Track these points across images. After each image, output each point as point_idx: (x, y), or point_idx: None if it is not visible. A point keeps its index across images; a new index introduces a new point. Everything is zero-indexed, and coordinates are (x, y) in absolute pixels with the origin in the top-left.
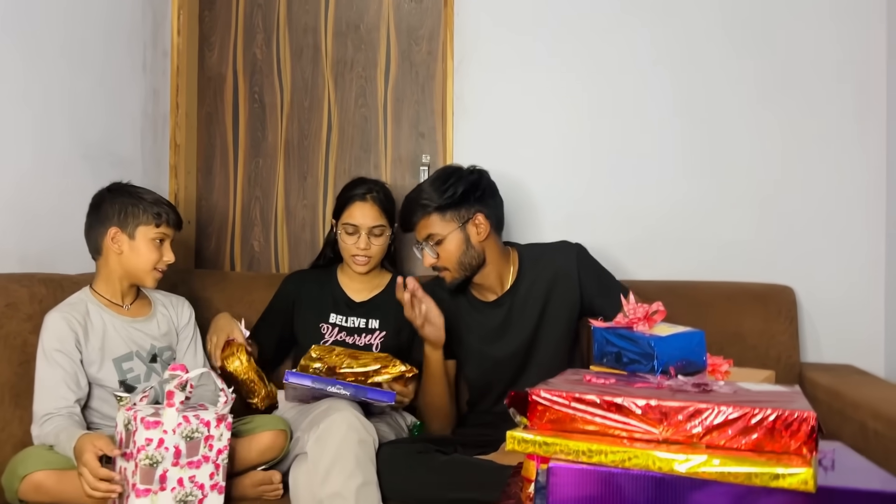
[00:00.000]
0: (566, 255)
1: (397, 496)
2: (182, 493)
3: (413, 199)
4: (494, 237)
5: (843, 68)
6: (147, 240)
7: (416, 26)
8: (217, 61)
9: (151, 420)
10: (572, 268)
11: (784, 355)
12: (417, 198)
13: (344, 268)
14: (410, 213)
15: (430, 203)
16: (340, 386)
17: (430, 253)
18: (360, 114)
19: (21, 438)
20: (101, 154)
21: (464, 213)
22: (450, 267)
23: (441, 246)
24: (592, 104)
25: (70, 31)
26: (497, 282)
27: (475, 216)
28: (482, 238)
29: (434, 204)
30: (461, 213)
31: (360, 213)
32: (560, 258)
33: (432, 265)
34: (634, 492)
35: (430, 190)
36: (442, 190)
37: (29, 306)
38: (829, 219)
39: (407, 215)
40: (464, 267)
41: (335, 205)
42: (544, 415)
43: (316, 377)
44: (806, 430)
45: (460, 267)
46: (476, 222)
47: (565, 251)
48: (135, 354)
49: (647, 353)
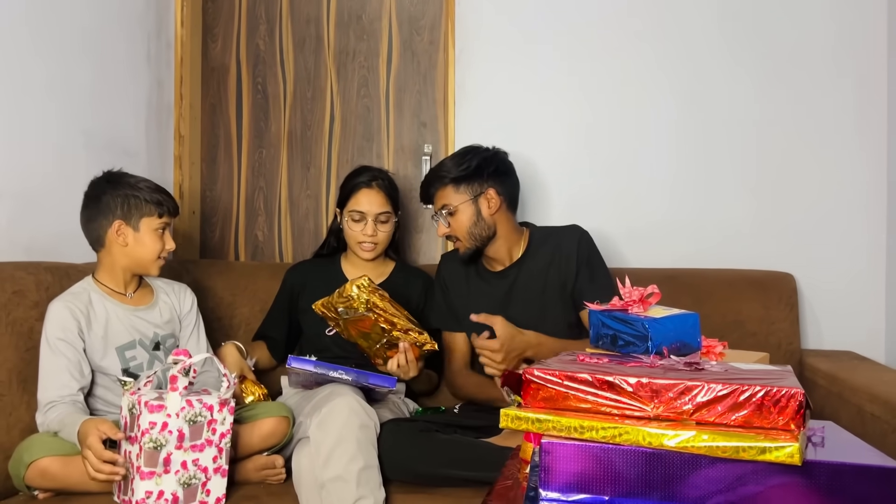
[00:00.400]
0: (571, 237)
1: (398, 474)
2: (186, 475)
3: (433, 172)
4: (507, 213)
5: (843, 59)
6: (151, 230)
7: (418, 16)
8: (220, 52)
9: (155, 404)
10: (573, 250)
11: (784, 342)
12: (437, 170)
13: (348, 257)
14: (429, 183)
15: (446, 175)
16: (342, 371)
17: (442, 223)
18: (363, 103)
19: (28, 423)
20: (106, 144)
21: (476, 187)
22: (460, 237)
23: (453, 217)
24: (593, 93)
25: (75, 23)
26: (507, 255)
27: (487, 191)
28: (493, 212)
29: (450, 176)
30: (474, 187)
31: (366, 199)
32: (565, 239)
33: (445, 234)
34: (626, 466)
35: (449, 163)
36: (458, 163)
37: (35, 293)
38: (830, 206)
39: (426, 186)
40: (473, 237)
41: (339, 194)
42: (538, 393)
43: (318, 362)
44: (794, 407)
45: (470, 237)
46: (488, 196)
47: (571, 233)
48: (137, 343)
49: (641, 334)
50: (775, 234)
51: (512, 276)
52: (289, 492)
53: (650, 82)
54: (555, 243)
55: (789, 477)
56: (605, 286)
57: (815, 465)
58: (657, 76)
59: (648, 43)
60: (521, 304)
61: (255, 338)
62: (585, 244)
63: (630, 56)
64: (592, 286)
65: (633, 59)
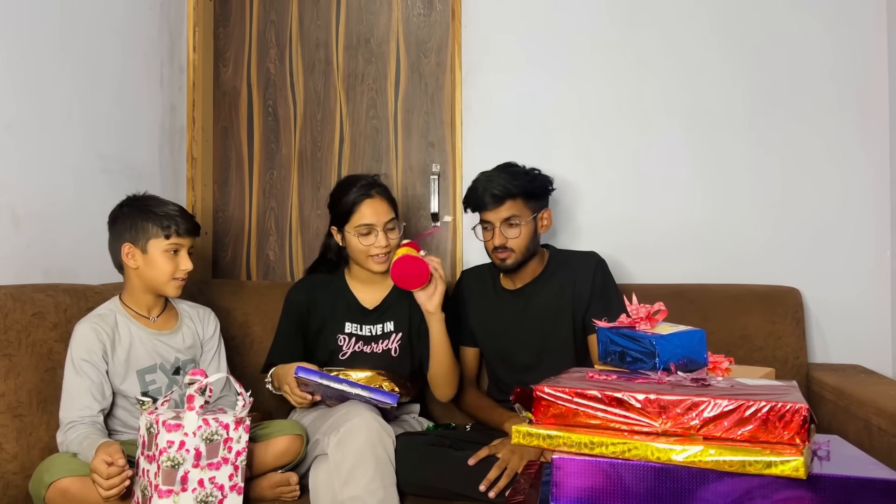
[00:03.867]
0: (588, 264)
1: (412, 488)
2: (203, 493)
3: (498, 182)
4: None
5: (845, 74)
6: (160, 252)
7: (425, 39)
8: (232, 76)
9: (173, 423)
10: (588, 277)
11: (791, 356)
12: (506, 182)
13: (353, 272)
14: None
15: (516, 188)
16: (347, 385)
17: (505, 233)
18: (371, 125)
19: (48, 443)
20: (121, 168)
21: (537, 206)
22: (516, 249)
23: (517, 229)
24: (600, 112)
25: (89, 49)
26: (529, 274)
27: (544, 211)
28: (544, 232)
29: (522, 190)
30: (537, 205)
31: (371, 211)
32: (582, 266)
33: (502, 244)
34: (635, 481)
35: (517, 177)
36: (528, 180)
37: (54, 315)
38: (835, 220)
39: (490, 194)
40: (527, 252)
41: (334, 212)
42: (549, 410)
43: (325, 374)
44: (798, 421)
45: (525, 252)
46: (544, 216)
47: (588, 260)
48: (158, 367)
49: (649, 351)
50: (781, 249)
51: (527, 295)
52: None
53: (656, 101)
54: (572, 268)
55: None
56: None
57: (821, 478)
58: (663, 95)
59: (654, 62)
60: (533, 322)
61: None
62: (601, 273)
63: (635, 76)
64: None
65: (638, 78)
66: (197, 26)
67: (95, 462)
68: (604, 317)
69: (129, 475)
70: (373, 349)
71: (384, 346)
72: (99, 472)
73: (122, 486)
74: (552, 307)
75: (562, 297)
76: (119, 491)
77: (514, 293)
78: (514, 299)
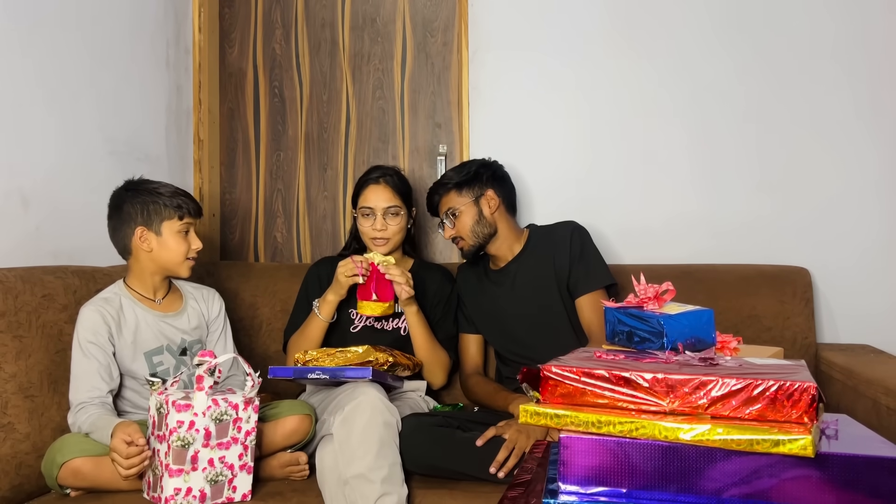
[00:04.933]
0: (565, 230)
1: (419, 468)
2: (213, 472)
3: (436, 184)
4: (506, 214)
5: (854, 53)
6: (173, 233)
7: (431, 18)
8: (237, 57)
9: (182, 403)
10: (566, 243)
11: (800, 336)
12: (440, 181)
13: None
14: (433, 193)
15: (448, 182)
16: (319, 371)
17: (448, 225)
18: (378, 106)
19: (59, 423)
20: (128, 150)
21: (477, 190)
22: (464, 236)
23: (458, 218)
24: (607, 91)
25: (95, 30)
26: (508, 252)
27: (487, 192)
28: (493, 211)
29: (452, 182)
30: (475, 190)
31: (373, 195)
32: (560, 232)
33: (451, 236)
34: (643, 460)
35: (451, 173)
36: (459, 171)
37: (64, 297)
38: (844, 200)
39: (431, 196)
40: (476, 235)
41: (353, 194)
42: (556, 389)
43: (295, 368)
44: (807, 400)
45: (473, 235)
46: (488, 197)
47: (565, 227)
48: (165, 348)
49: (657, 331)
50: (790, 228)
51: (512, 272)
52: (312, 488)
53: (664, 80)
54: (550, 238)
55: (803, 469)
56: (599, 276)
57: (829, 457)
58: (670, 74)
59: (662, 41)
60: (522, 298)
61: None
62: (578, 237)
63: (643, 55)
64: (587, 277)
65: (645, 58)
66: (202, 7)
67: (115, 442)
68: (585, 279)
69: (148, 455)
70: (383, 326)
71: (394, 324)
72: (119, 451)
73: (143, 465)
74: (538, 279)
75: (545, 268)
76: (139, 470)
77: (500, 272)
78: (501, 278)
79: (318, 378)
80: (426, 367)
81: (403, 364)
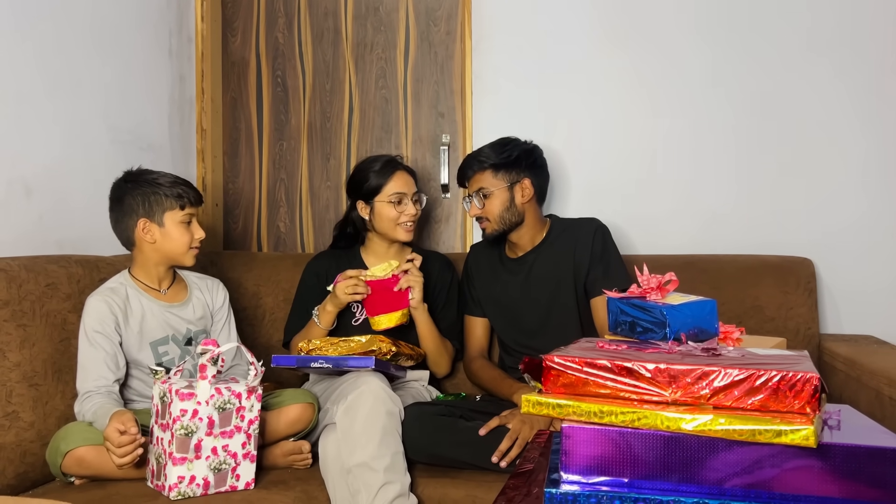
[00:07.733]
0: (587, 228)
1: (422, 457)
2: (216, 461)
3: (472, 156)
4: (535, 204)
5: (858, 41)
6: (176, 223)
7: (435, 7)
8: (240, 46)
9: (186, 392)
10: (588, 242)
11: (803, 327)
12: (477, 155)
13: (369, 247)
14: (468, 166)
15: (486, 160)
16: (322, 360)
17: (476, 203)
18: (381, 95)
19: (63, 411)
20: (131, 139)
21: (513, 176)
22: (491, 219)
23: (488, 199)
24: (610, 81)
25: (98, 19)
26: (529, 242)
27: (523, 180)
28: (525, 201)
29: (490, 161)
30: (511, 175)
31: (402, 181)
32: (582, 230)
33: (476, 215)
34: (645, 450)
35: (489, 150)
36: (499, 151)
37: (67, 286)
38: (848, 190)
39: (464, 169)
40: (503, 221)
41: (364, 186)
42: (558, 379)
43: (298, 357)
44: (809, 391)
45: (500, 221)
46: (523, 185)
47: (588, 225)
48: (170, 339)
49: (659, 321)
50: (793, 219)
51: (530, 262)
52: (315, 476)
53: (668, 71)
54: (572, 234)
55: (805, 460)
56: (618, 279)
57: (831, 447)
58: (675, 64)
59: (668, 31)
60: (536, 289)
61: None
62: (600, 238)
63: (647, 44)
64: (606, 280)
65: (651, 47)
66: None
67: (108, 430)
68: (604, 281)
69: (141, 443)
70: None
71: None
72: (111, 440)
73: (135, 453)
74: (554, 273)
75: (563, 263)
76: (132, 459)
77: (517, 261)
78: (517, 267)
79: (321, 367)
80: (432, 359)
81: (406, 353)
